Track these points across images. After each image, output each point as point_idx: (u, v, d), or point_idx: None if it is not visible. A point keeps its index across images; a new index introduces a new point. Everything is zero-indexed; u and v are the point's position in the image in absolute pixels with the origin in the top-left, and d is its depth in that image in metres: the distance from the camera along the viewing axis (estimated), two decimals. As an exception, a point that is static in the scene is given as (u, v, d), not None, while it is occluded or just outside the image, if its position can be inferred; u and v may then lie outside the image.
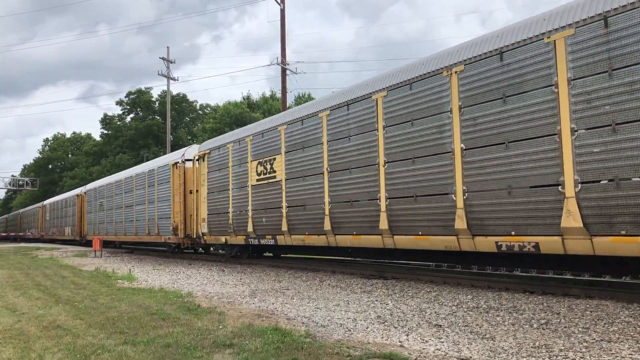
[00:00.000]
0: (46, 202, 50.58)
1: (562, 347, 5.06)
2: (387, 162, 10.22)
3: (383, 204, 10.26)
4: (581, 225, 7.14)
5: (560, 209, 7.37)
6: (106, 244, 28.83)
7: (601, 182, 6.96)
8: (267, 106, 54.50)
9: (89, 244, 30.02)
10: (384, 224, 10.24)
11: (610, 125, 6.86)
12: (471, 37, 9.38)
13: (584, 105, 7.14)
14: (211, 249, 21.04)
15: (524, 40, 7.97)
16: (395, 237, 10.12)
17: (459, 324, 6.30)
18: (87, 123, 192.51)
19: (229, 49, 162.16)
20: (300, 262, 15.22)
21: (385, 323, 6.50)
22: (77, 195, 36.34)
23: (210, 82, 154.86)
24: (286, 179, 13.35)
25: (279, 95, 46.05)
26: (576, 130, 7.23)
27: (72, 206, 37.55)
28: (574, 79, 7.28)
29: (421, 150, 9.52)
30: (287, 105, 28.81)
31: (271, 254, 18.03)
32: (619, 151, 6.79)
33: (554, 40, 7.56)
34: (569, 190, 7.26)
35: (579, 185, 7.17)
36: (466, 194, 8.67)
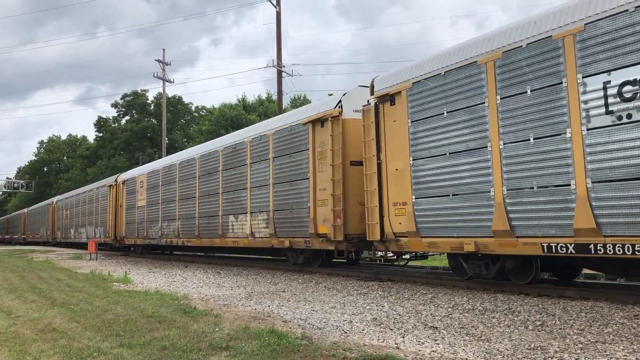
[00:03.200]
0: (57, 198, 44.85)
1: (558, 349, 5.08)
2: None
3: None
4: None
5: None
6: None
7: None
8: (263, 108, 54.55)
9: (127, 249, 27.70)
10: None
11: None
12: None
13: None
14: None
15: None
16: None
17: (455, 326, 6.31)
18: (84, 125, 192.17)
19: (227, 52, 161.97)
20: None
21: (381, 325, 6.51)
22: (110, 185, 27.60)
23: (208, 85, 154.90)
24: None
25: (274, 97, 46.08)
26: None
27: (101, 200, 29.51)
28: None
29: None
30: (283, 107, 28.83)
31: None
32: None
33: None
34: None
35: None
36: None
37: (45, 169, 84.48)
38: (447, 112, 9.10)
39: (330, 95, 14.06)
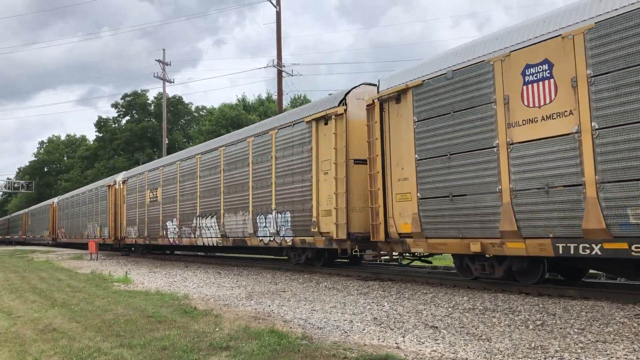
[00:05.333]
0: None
1: (558, 348, 5.08)
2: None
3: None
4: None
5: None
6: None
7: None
8: (263, 108, 54.50)
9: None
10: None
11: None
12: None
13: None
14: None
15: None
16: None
17: (455, 326, 6.31)
18: (86, 126, 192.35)
19: (229, 53, 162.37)
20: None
21: (382, 325, 6.51)
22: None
23: (209, 85, 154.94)
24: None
25: (275, 97, 46.07)
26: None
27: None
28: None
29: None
30: (284, 106, 28.83)
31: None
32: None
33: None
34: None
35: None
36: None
37: (46, 170, 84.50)
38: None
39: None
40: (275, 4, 28.29)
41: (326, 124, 12.14)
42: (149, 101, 63.74)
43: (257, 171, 14.66)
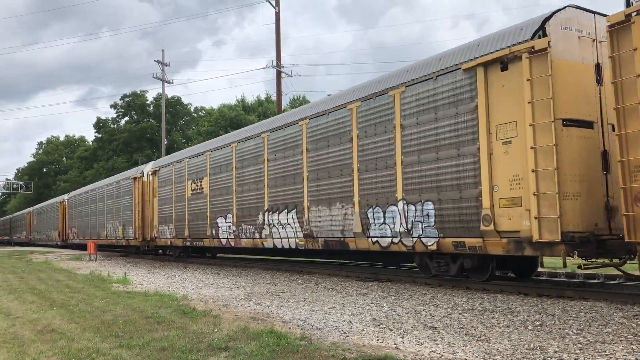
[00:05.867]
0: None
1: (557, 349, 5.08)
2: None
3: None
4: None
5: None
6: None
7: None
8: (262, 109, 54.49)
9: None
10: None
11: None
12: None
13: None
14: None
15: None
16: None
17: (454, 326, 6.31)
18: (85, 126, 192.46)
19: (228, 54, 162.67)
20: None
21: (381, 325, 6.51)
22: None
23: (209, 86, 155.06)
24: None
25: (274, 97, 46.08)
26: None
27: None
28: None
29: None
30: (282, 107, 28.83)
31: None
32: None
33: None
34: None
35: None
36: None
37: (44, 170, 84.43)
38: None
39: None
40: (274, 5, 28.30)
41: (506, 68, 8.52)
42: (148, 102, 63.74)
43: (366, 148, 11.04)
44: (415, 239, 9.83)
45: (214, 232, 16.90)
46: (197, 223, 17.95)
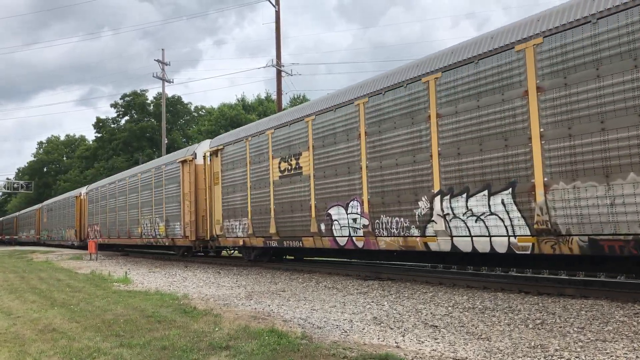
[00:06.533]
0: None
1: (558, 347, 5.08)
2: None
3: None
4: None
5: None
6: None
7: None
8: (262, 108, 54.53)
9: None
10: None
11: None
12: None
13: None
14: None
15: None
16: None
17: (455, 325, 6.31)
18: (86, 126, 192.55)
19: (229, 53, 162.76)
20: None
21: (382, 324, 6.51)
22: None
23: (209, 85, 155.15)
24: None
25: (274, 97, 46.07)
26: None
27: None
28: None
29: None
30: (282, 106, 28.82)
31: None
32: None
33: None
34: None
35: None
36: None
37: (45, 170, 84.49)
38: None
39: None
40: (274, 4, 28.28)
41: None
42: (148, 101, 63.78)
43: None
44: None
45: (322, 226, 12.10)
46: (290, 216, 13.17)
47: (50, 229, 41.14)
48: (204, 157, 17.81)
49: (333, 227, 11.81)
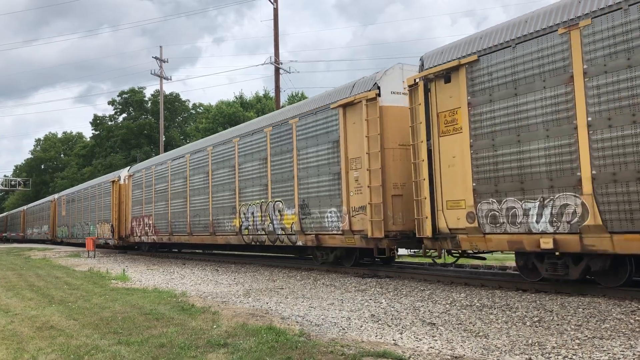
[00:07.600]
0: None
1: (555, 344, 5.10)
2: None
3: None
4: None
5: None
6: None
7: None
8: (261, 105, 54.42)
9: None
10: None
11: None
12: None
13: None
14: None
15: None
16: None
17: (453, 322, 6.32)
18: (84, 124, 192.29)
19: (228, 51, 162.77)
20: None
21: (379, 322, 6.51)
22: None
23: (208, 83, 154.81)
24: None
25: (272, 94, 46.04)
26: None
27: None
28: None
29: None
30: (281, 104, 28.80)
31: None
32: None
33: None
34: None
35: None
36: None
37: (42, 167, 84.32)
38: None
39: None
40: (272, 1, 28.23)
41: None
42: (146, 98, 63.63)
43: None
44: None
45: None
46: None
47: (72, 224, 33.10)
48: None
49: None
